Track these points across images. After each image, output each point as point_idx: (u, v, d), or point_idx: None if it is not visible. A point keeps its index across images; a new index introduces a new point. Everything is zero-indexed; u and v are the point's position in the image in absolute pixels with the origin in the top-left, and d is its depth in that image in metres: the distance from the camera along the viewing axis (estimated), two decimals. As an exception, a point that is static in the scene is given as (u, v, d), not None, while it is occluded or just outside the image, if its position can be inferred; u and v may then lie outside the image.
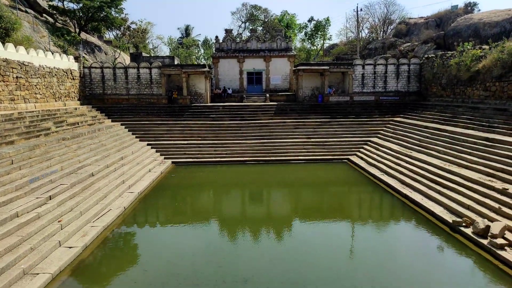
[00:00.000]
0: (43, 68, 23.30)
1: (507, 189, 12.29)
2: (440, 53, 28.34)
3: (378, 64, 30.42)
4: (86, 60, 33.53)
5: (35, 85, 22.35)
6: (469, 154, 16.40)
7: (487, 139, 16.66)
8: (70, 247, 10.29)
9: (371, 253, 10.90)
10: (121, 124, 26.05)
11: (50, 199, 12.43)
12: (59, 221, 11.35)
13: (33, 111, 20.37)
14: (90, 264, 10.04)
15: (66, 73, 26.35)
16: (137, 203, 15.41)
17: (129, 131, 25.51)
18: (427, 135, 20.90)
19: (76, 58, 28.80)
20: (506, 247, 9.87)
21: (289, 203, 17.06)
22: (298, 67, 31.15)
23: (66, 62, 26.65)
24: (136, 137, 24.92)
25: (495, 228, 10.44)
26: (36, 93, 22.39)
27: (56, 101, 24.65)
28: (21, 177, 13.06)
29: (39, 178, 13.58)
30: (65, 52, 31.47)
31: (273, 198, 18.12)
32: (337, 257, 10.66)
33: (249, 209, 16.28)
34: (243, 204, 17.06)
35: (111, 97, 29.66)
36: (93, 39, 42.67)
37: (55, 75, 24.69)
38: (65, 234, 10.81)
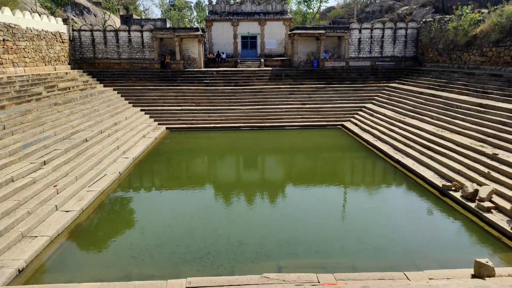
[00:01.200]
0: (31, 31, 22.56)
1: (497, 154, 12.51)
2: (438, 17, 27.80)
3: (375, 28, 29.84)
4: (75, 23, 32.46)
5: (23, 49, 21.73)
6: (462, 120, 16.52)
7: (480, 105, 16.73)
8: (67, 211, 10.44)
9: (362, 216, 11.21)
10: (114, 89, 25.67)
11: (45, 164, 12.45)
12: (54, 186, 11.44)
13: (22, 76, 19.93)
14: (88, 228, 10.24)
15: (55, 36, 25.57)
16: (132, 168, 15.51)
17: (121, 96, 25.19)
18: (422, 101, 20.92)
19: (65, 21, 27.85)
20: (492, 210, 10.19)
21: (283, 168, 17.28)
22: (293, 31, 30.48)
23: (55, 25, 25.79)
24: (129, 103, 24.65)
25: (483, 192, 10.72)
26: (25, 57, 21.82)
27: (46, 65, 24.08)
28: (14, 143, 12.99)
29: (32, 144, 13.52)
30: (52, 14, 30.40)
31: (267, 164, 18.32)
32: (329, 220, 10.96)
33: (244, 174, 16.48)
34: (238, 169, 17.25)
35: (102, 62, 29.00)
36: (82, 0, 41.10)
37: (44, 38, 23.96)
38: (61, 198, 10.93)
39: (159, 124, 22.90)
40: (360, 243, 9.37)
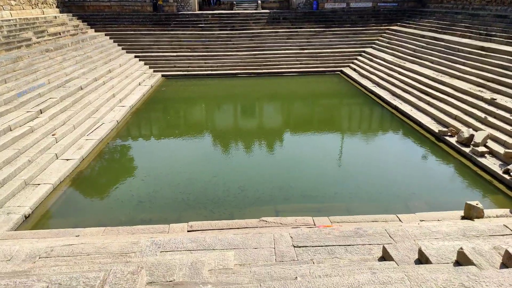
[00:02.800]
0: (13, -29, 21.20)
1: (495, 99, 12.48)
2: (446, -47, 26.17)
3: (378, -34, 28.20)
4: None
5: (7, -9, 20.57)
6: (463, 64, 16.25)
7: (482, 48, 16.36)
8: (67, 159, 10.57)
9: (358, 162, 11.43)
10: (105, 34, 24.76)
11: (41, 113, 12.38)
12: (53, 135, 11.47)
13: (9, 20, 19.07)
14: (89, 175, 10.44)
15: (40, -24, 24.08)
16: (130, 116, 15.46)
17: (114, 42, 24.37)
18: (423, 44, 20.39)
19: (48, -41, 26.06)
20: (486, 155, 10.38)
21: (280, 116, 17.28)
22: (292, -30, 28.80)
23: (38, -36, 24.17)
24: (123, 49, 23.92)
25: (479, 137, 10.84)
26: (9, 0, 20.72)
27: (33, 8, 22.96)
28: (8, 91, 12.79)
29: (27, 92, 13.33)
30: (35, -49, 28.37)
31: (264, 111, 18.26)
32: (325, 166, 11.18)
33: (241, 121, 16.50)
34: (235, 116, 17.23)
35: (91, 4, 27.61)
36: None
37: (28, -21, 22.58)
38: (61, 147, 11.00)
39: (154, 71, 22.42)
40: (355, 188, 9.65)
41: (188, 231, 6.68)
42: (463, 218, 7.03)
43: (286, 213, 8.15)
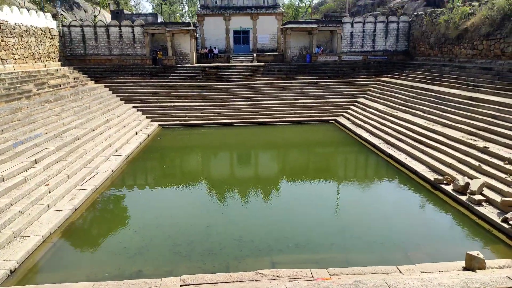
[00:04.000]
0: (19, 27, 22.21)
1: (488, 148, 12.65)
2: (430, 10, 27.88)
3: (367, 22, 29.86)
4: (65, 18, 32.01)
5: (12, 45, 21.40)
6: (454, 113, 16.66)
7: (471, 98, 16.87)
8: (59, 210, 10.36)
9: (355, 210, 11.29)
10: (105, 86, 25.42)
11: (36, 163, 12.33)
12: (46, 185, 11.34)
13: (12, 73, 19.64)
14: (80, 227, 10.18)
15: (44, 32, 25.21)
16: (125, 166, 15.42)
17: (113, 93, 24.96)
18: (413, 95, 21.03)
19: (54, 16, 27.45)
20: (483, 203, 10.31)
21: (276, 164, 17.31)
22: (286, 26, 30.40)
23: (44, 20, 25.41)
24: (121, 100, 24.45)
25: (474, 185, 10.84)
26: (13, 54, 21.49)
27: (35, 62, 23.76)
28: (4, 141, 12.84)
29: (23, 142, 13.37)
30: (41, 9, 29.95)
31: (260, 159, 18.33)
32: (322, 215, 11.01)
33: (237, 170, 16.48)
34: (231, 165, 17.24)
35: (93, 58, 28.69)
36: (71, -4, 40.49)
37: (33, 34, 23.61)
38: (54, 197, 10.84)
39: (151, 121, 22.76)
40: (353, 238, 9.44)
41: (181, 286, 6.40)
42: (464, 269, 6.82)
43: (283, 264, 7.89)
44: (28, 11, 23.99)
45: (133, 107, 23.85)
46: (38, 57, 24.21)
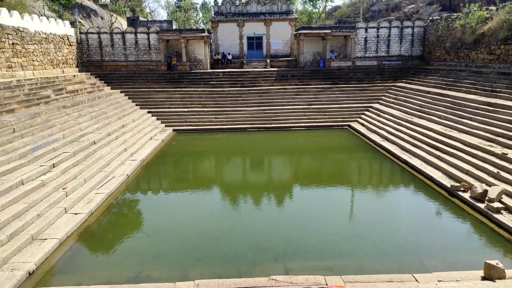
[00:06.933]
0: (39, 34, 22.82)
1: (506, 154, 12.37)
2: (445, 15, 27.56)
3: (381, 27, 29.67)
4: (82, 25, 32.76)
5: (32, 52, 21.98)
6: (470, 119, 16.37)
7: (489, 103, 16.55)
8: (76, 214, 10.54)
9: (370, 217, 11.15)
10: (121, 92, 25.86)
11: (54, 167, 12.58)
12: (63, 189, 11.56)
13: (31, 79, 20.17)
14: (96, 230, 10.33)
15: (63, 39, 25.83)
16: (140, 170, 15.61)
17: (129, 98, 25.36)
18: (429, 100, 20.76)
19: (72, 23, 28.11)
20: (502, 211, 10.08)
21: (290, 169, 17.26)
22: (299, 31, 30.44)
23: (62, 28, 26.06)
24: (136, 105, 24.81)
25: (493, 192, 10.61)
26: (33, 60, 22.07)
27: (54, 68, 24.34)
28: (23, 146, 13.15)
29: (41, 146, 13.68)
30: (60, 17, 30.72)
31: (273, 165, 18.31)
32: (337, 221, 10.92)
33: (250, 175, 16.49)
34: (244, 170, 17.27)
35: (109, 64, 29.23)
36: (89, 3, 41.47)
37: (52, 41, 24.22)
38: (70, 201, 11.04)
39: (166, 126, 23.02)
40: (368, 245, 9.33)
41: (194, 290, 6.43)
42: (483, 278, 6.67)
43: (297, 271, 7.84)
44: (48, 19, 24.64)
45: (148, 112, 24.18)
46: (57, 63, 24.80)
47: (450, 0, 33.94)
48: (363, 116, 23.64)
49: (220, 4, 34.90)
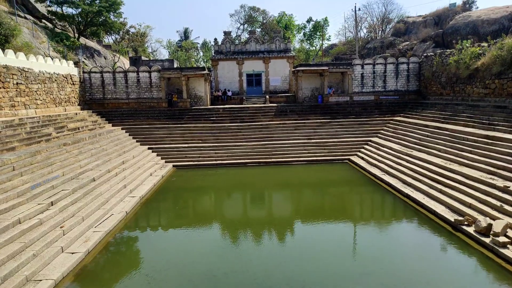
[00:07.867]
0: (43, 74, 23.36)
1: (509, 187, 12.28)
2: (439, 51, 28.35)
3: (377, 64, 30.43)
4: (86, 65, 33.60)
5: (35, 91, 22.40)
6: (470, 152, 16.39)
7: (487, 136, 16.64)
8: (72, 253, 10.31)
9: (373, 254, 10.88)
10: (122, 129, 26.09)
11: (52, 205, 12.45)
12: (61, 227, 11.37)
13: (33, 117, 20.41)
14: (93, 270, 10.05)
15: (66, 78, 26.42)
16: (139, 207, 15.42)
17: (129, 135, 25.54)
18: (428, 133, 20.89)
19: (76, 63, 28.86)
20: (508, 245, 9.86)
21: (291, 205, 17.06)
22: (297, 68, 31.18)
23: (66, 68, 26.72)
24: (137, 141, 24.95)
25: (497, 226, 10.43)
26: (36, 99, 22.45)
27: (56, 106, 24.70)
28: (22, 184, 13.08)
29: (40, 184, 13.60)
30: (64, 57, 31.56)
31: (275, 200, 18.12)
32: (339, 259, 10.66)
33: (252, 212, 16.28)
34: (246, 206, 17.06)
35: (111, 102, 29.71)
36: (92, 44, 42.77)
37: (55, 80, 24.75)
38: (68, 240, 10.83)
39: (166, 162, 23.01)
40: (372, 282, 9.04)
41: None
42: (494, 318, 6.40)
43: (300, 312, 7.54)
44: (52, 59, 25.32)
45: (148, 148, 24.26)
46: (59, 101, 25.20)
47: (442, 37, 35.04)
48: (362, 150, 23.69)
49: (220, 43, 36.02)
